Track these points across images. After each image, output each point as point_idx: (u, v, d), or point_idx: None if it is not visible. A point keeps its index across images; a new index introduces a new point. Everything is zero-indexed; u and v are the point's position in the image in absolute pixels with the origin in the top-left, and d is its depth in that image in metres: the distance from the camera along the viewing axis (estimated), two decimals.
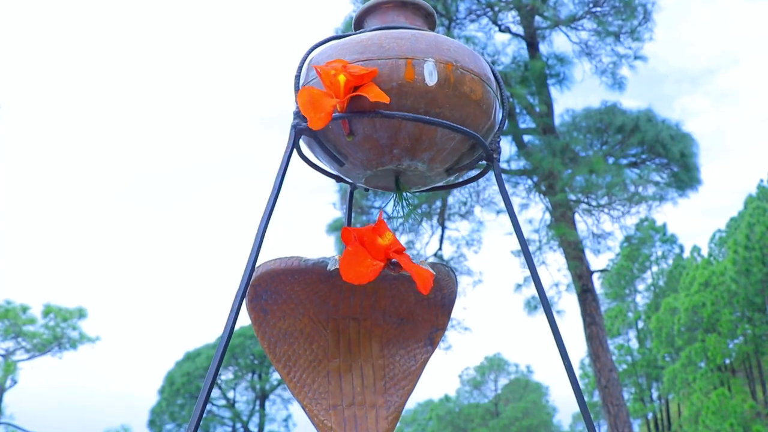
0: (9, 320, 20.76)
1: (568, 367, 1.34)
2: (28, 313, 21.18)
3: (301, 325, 1.31)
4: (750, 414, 23.91)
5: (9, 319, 20.75)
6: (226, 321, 1.30)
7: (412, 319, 1.38)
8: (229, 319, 1.30)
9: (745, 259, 23.21)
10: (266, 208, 1.22)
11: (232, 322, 1.31)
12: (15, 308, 20.94)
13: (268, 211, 1.25)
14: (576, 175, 10.71)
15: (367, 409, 1.30)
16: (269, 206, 1.21)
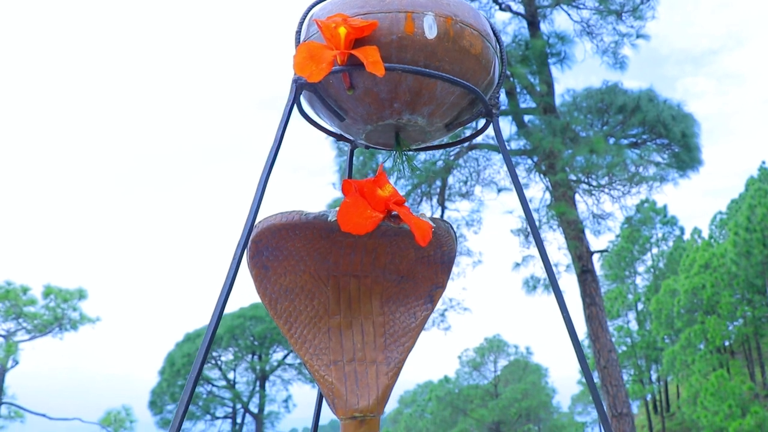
0: (9, 301, 20.82)
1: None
2: (28, 294, 21.22)
3: (301, 282, 1.32)
4: (748, 395, 24.02)
5: (9, 300, 20.81)
6: (226, 276, 1.31)
7: (412, 276, 1.38)
8: (229, 273, 1.30)
9: (746, 241, 23.20)
10: (267, 162, 1.22)
11: (231, 277, 1.31)
12: (15, 289, 20.98)
13: (268, 165, 1.25)
14: (576, 155, 10.69)
15: (367, 365, 1.31)
16: (270, 160, 1.21)
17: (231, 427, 25.56)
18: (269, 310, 1.31)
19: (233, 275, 1.29)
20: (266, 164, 1.21)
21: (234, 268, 1.28)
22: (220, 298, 1.28)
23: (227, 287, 1.29)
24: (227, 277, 1.31)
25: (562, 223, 11.06)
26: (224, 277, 1.31)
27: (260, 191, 1.25)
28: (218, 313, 1.29)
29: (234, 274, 1.29)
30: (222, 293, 1.30)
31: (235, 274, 1.29)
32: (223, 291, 1.28)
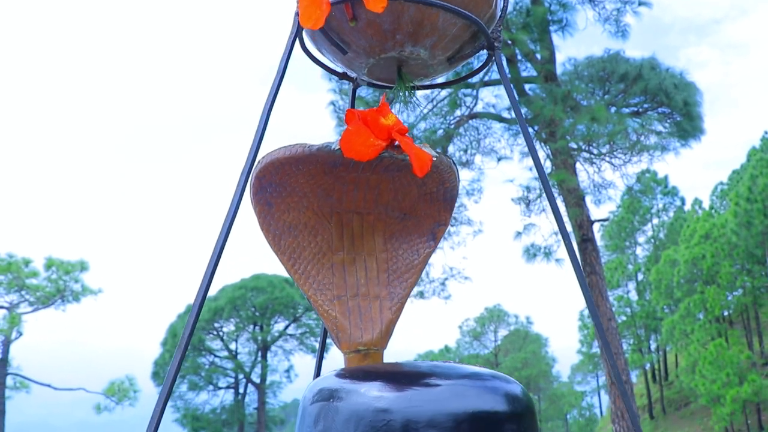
0: (12, 273, 20.86)
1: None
2: (30, 266, 21.27)
3: (305, 219, 1.32)
4: (746, 364, 24.20)
5: (12, 273, 20.85)
6: (227, 212, 1.31)
7: (414, 214, 1.39)
8: (231, 210, 1.31)
9: (747, 212, 23.20)
10: (269, 95, 1.22)
11: (233, 214, 1.32)
12: (17, 261, 21.02)
13: (271, 98, 1.25)
14: (577, 123, 10.64)
15: (371, 300, 1.32)
16: (272, 93, 1.21)
17: (233, 397, 25.77)
18: (272, 246, 1.32)
19: (233, 213, 1.29)
20: (269, 96, 1.21)
21: (236, 202, 1.28)
22: (222, 234, 1.28)
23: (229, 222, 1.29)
24: (228, 214, 1.32)
25: (563, 191, 11.04)
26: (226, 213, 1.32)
27: (263, 124, 1.25)
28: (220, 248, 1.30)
29: (236, 208, 1.29)
30: (222, 231, 1.31)
31: (236, 212, 1.29)
32: (223, 229, 1.29)
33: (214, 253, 1.27)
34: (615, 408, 11.10)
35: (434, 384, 0.94)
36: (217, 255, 1.31)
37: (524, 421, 0.97)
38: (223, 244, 1.21)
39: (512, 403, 0.96)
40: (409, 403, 0.90)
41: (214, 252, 1.27)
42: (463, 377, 0.96)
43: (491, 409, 0.92)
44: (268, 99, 1.21)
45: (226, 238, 1.23)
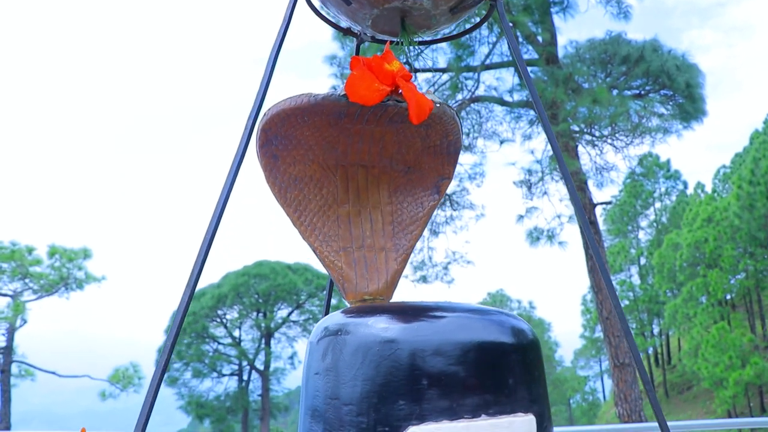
0: (15, 261, 20.89)
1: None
2: (33, 254, 21.30)
3: (310, 171, 1.34)
4: (749, 347, 24.23)
5: (15, 261, 20.87)
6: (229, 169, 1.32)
7: (419, 167, 1.40)
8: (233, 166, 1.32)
9: (749, 195, 23.16)
10: (274, 45, 1.23)
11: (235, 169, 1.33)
12: (20, 249, 21.05)
13: (273, 53, 1.25)
14: (579, 105, 10.62)
15: (376, 252, 1.33)
16: (277, 43, 1.22)
17: (237, 384, 25.86)
18: (278, 198, 1.33)
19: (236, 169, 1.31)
20: (274, 46, 1.22)
21: (240, 154, 1.30)
22: (225, 188, 1.30)
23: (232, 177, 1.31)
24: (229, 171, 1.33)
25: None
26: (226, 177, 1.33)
27: (267, 76, 1.26)
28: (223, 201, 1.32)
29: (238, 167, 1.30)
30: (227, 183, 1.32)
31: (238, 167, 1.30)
32: (228, 180, 1.30)
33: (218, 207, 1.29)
34: (618, 391, 11.14)
35: (441, 316, 0.96)
36: (220, 208, 1.33)
37: (529, 354, 0.98)
38: (227, 196, 1.22)
39: (517, 336, 0.98)
40: (416, 333, 0.92)
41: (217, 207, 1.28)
42: (469, 311, 0.98)
43: (497, 340, 0.94)
44: (273, 49, 1.22)
45: (229, 191, 1.25)
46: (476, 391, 0.90)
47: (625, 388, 11.34)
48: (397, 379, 0.89)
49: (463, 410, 0.88)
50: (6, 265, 21.10)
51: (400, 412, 0.88)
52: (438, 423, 0.87)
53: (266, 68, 1.23)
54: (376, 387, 0.90)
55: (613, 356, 11.46)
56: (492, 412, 0.90)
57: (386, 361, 0.91)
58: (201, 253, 1.34)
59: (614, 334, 11.42)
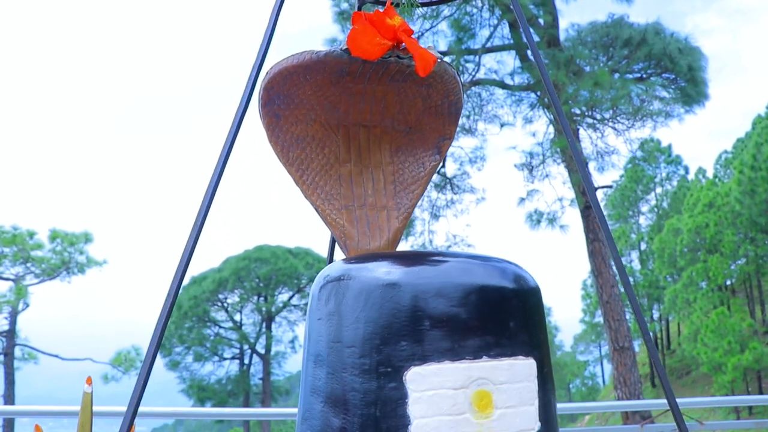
0: (17, 246, 20.92)
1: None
2: (35, 238, 21.33)
3: (312, 131, 1.34)
4: (748, 332, 24.28)
5: (17, 245, 20.91)
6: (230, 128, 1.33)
7: (420, 128, 1.41)
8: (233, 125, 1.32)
9: (751, 180, 23.12)
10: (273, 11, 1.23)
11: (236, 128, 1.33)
12: (22, 234, 21.08)
13: (274, 14, 1.25)
14: (581, 88, 10.60)
15: (378, 210, 1.34)
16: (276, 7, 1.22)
17: (239, 368, 25.98)
18: (281, 158, 1.34)
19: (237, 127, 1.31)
20: (272, 14, 1.22)
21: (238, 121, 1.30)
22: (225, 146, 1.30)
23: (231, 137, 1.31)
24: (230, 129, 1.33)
25: (566, 156, 11.03)
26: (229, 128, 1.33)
27: (269, 34, 1.27)
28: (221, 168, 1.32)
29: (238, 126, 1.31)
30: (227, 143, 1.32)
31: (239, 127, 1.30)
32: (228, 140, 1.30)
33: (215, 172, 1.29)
34: (617, 374, 11.18)
35: (443, 261, 0.97)
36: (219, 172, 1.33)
37: (530, 299, 0.99)
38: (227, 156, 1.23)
39: (518, 281, 0.99)
40: (417, 276, 0.93)
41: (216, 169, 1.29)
42: (471, 257, 0.99)
43: (498, 285, 0.95)
44: (275, 5, 1.22)
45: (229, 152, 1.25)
46: (477, 333, 0.91)
47: (625, 372, 11.37)
48: (399, 321, 0.90)
49: (465, 351, 0.89)
50: (8, 250, 21.13)
51: (402, 353, 0.89)
52: (440, 363, 0.89)
53: (268, 25, 1.24)
54: (379, 329, 0.91)
55: (612, 340, 11.48)
56: (493, 354, 0.91)
57: (388, 303, 0.92)
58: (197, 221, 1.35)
59: (614, 318, 11.44)
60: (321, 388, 0.96)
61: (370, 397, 0.89)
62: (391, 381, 0.89)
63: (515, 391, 0.92)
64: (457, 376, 0.88)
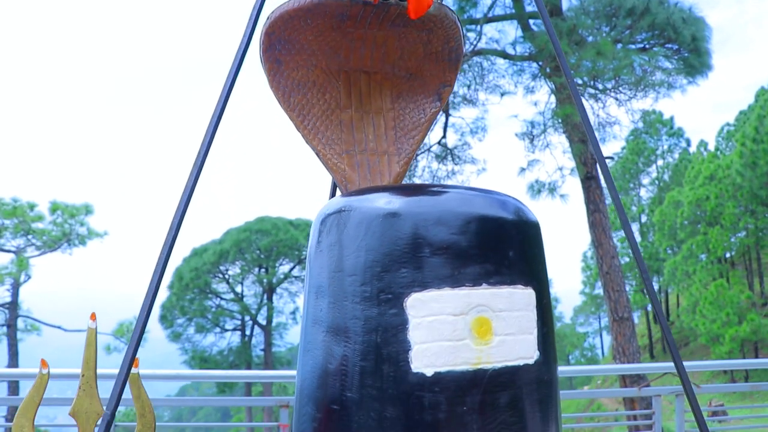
0: (18, 218, 20.88)
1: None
2: (35, 210, 21.30)
3: (313, 77, 1.34)
4: (746, 304, 24.37)
5: (17, 217, 20.87)
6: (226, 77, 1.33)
7: (420, 74, 1.41)
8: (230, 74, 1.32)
9: (753, 152, 23.04)
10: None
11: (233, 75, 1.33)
12: (23, 206, 21.03)
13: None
14: (583, 58, 10.52)
15: (379, 155, 1.35)
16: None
17: (240, 339, 26.08)
18: (282, 103, 1.34)
19: (235, 71, 1.31)
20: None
21: (237, 65, 1.30)
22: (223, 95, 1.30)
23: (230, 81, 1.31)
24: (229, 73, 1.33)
25: (567, 126, 10.99)
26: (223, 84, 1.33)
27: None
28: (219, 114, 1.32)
29: (237, 69, 1.31)
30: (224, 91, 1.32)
31: (237, 72, 1.30)
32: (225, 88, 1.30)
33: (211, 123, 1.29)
34: (617, 344, 11.22)
35: (443, 192, 0.98)
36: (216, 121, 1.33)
37: (530, 231, 1.00)
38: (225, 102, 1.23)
39: (518, 213, 0.99)
40: (418, 205, 0.94)
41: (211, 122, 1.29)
42: (472, 189, 1.00)
43: (497, 215, 0.96)
44: None
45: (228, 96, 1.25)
46: (477, 261, 0.92)
47: (624, 342, 11.40)
48: (400, 249, 0.91)
49: (465, 278, 0.90)
50: (8, 222, 21.09)
51: (402, 280, 0.90)
52: (440, 290, 0.90)
53: None
54: (379, 257, 0.92)
55: (612, 311, 11.50)
56: (492, 282, 0.92)
57: (389, 232, 0.92)
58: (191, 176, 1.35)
59: (614, 289, 11.45)
60: (322, 318, 0.97)
61: (371, 323, 0.90)
62: (392, 307, 0.90)
63: (514, 319, 0.93)
64: (457, 302, 0.89)
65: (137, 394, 1.12)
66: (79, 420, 1.07)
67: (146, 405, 1.12)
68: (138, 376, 1.11)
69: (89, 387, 1.06)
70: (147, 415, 1.12)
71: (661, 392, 4.42)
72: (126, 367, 0.97)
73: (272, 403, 4.08)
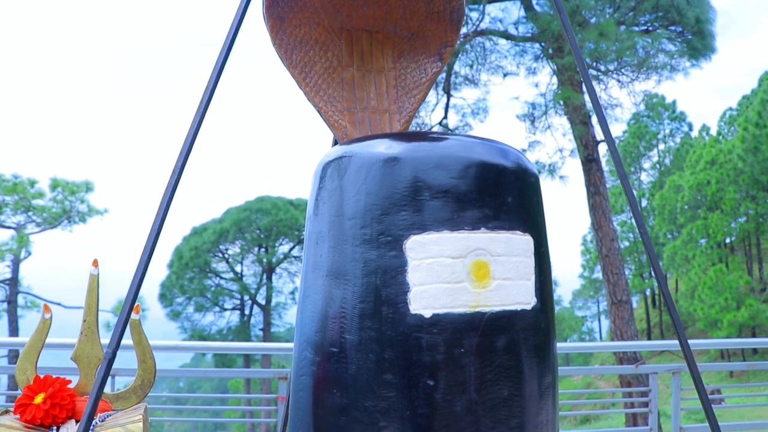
0: (18, 194, 20.87)
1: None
2: (36, 187, 21.28)
3: (316, 34, 1.35)
4: (745, 290, 24.42)
5: (18, 193, 20.85)
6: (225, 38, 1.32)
7: (422, 34, 1.41)
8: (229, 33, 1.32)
9: (755, 137, 22.97)
10: None
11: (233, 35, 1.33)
12: (23, 182, 21.00)
13: None
14: (585, 40, 10.47)
15: (380, 113, 1.35)
16: None
17: (239, 319, 26.16)
18: (285, 60, 1.34)
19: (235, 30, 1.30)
20: None
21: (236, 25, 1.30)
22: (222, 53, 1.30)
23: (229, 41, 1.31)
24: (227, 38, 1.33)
25: (568, 108, 10.96)
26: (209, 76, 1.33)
27: None
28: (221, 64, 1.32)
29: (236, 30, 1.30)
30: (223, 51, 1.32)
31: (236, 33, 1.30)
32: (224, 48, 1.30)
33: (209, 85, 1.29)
34: (615, 327, 11.26)
35: (443, 138, 0.98)
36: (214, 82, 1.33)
37: (529, 179, 1.01)
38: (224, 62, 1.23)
39: (518, 162, 1.00)
40: (417, 150, 0.95)
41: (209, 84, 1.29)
42: (472, 137, 1.01)
43: (496, 162, 0.97)
44: None
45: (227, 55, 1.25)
46: (476, 205, 0.92)
47: (622, 325, 11.42)
48: (400, 192, 0.92)
49: (463, 222, 0.91)
50: (9, 198, 21.06)
51: (402, 223, 0.91)
52: (439, 233, 0.90)
53: None
54: (379, 200, 0.93)
55: (611, 293, 11.52)
56: (491, 227, 0.93)
57: (389, 176, 0.93)
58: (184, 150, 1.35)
59: (613, 271, 11.46)
60: (322, 263, 0.98)
61: (371, 266, 0.91)
62: (392, 249, 0.91)
63: (512, 264, 0.94)
64: (455, 245, 0.90)
65: (138, 339, 1.14)
66: (80, 364, 1.08)
67: (147, 350, 1.14)
68: (139, 323, 1.13)
69: (91, 332, 1.08)
70: (148, 361, 1.13)
71: (658, 370, 4.45)
72: (126, 310, 0.98)
73: (271, 375, 4.11)
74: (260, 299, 26.20)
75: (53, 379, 1.04)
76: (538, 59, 11.63)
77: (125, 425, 0.98)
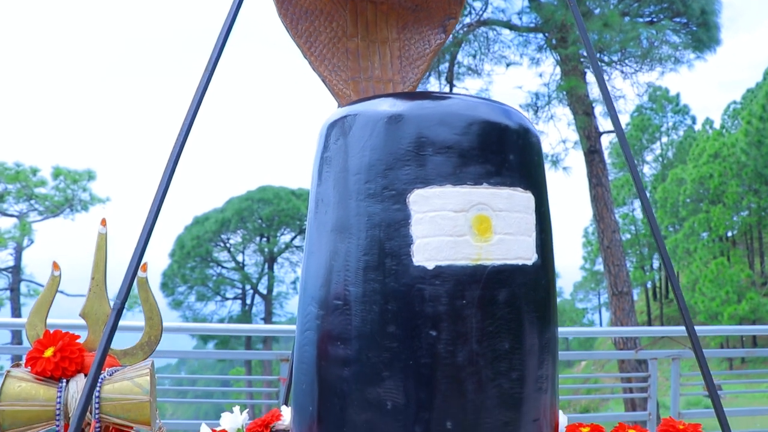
0: (20, 182, 20.90)
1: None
2: (38, 175, 21.31)
3: (321, 4, 1.36)
4: (746, 283, 24.43)
5: (20, 182, 20.88)
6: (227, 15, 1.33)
7: (426, 6, 1.43)
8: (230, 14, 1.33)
9: (759, 130, 22.93)
10: None
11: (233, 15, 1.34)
12: (25, 171, 21.03)
13: None
14: (589, 30, 10.45)
15: (384, 83, 1.37)
16: None
17: (241, 308, 26.21)
18: (290, 30, 1.36)
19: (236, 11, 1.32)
20: None
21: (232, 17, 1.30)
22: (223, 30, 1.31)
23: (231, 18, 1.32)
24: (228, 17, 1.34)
25: (571, 98, 10.95)
26: None
27: None
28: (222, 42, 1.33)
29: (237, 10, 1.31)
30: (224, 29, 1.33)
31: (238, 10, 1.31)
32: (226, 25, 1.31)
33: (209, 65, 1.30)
34: (615, 319, 11.28)
35: (447, 97, 1.00)
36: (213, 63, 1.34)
37: (530, 139, 1.03)
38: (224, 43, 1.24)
39: (520, 123, 1.02)
40: (421, 108, 0.96)
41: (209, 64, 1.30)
42: (475, 96, 1.02)
43: (499, 120, 0.98)
44: None
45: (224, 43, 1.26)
46: (478, 161, 0.94)
47: (623, 317, 11.44)
48: (404, 147, 0.94)
49: (466, 177, 0.93)
50: (11, 186, 21.08)
51: (405, 177, 0.93)
52: (442, 187, 0.92)
53: None
54: (384, 155, 0.95)
55: (612, 285, 11.53)
56: (493, 182, 0.95)
57: (393, 132, 0.95)
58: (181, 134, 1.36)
59: (614, 263, 11.47)
60: (327, 220, 1.00)
61: (375, 219, 0.93)
62: (396, 203, 0.93)
63: (514, 220, 0.96)
64: (458, 199, 0.92)
65: (145, 297, 1.16)
66: (89, 320, 1.11)
67: (153, 308, 1.16)
68: (146, 281, 1.15)
69: (99, 289, 1.10)
70: (154, 318, 1.16)
71: (657, 355, 4.47)
72: (133, 267, 1.00)
73: (272, 357, 4.13)
74: (262, 289, 26.24)
75: (63, 333, 1.06)
76: (541, 49, 11.61)
77: (133, 378, 1.00)
